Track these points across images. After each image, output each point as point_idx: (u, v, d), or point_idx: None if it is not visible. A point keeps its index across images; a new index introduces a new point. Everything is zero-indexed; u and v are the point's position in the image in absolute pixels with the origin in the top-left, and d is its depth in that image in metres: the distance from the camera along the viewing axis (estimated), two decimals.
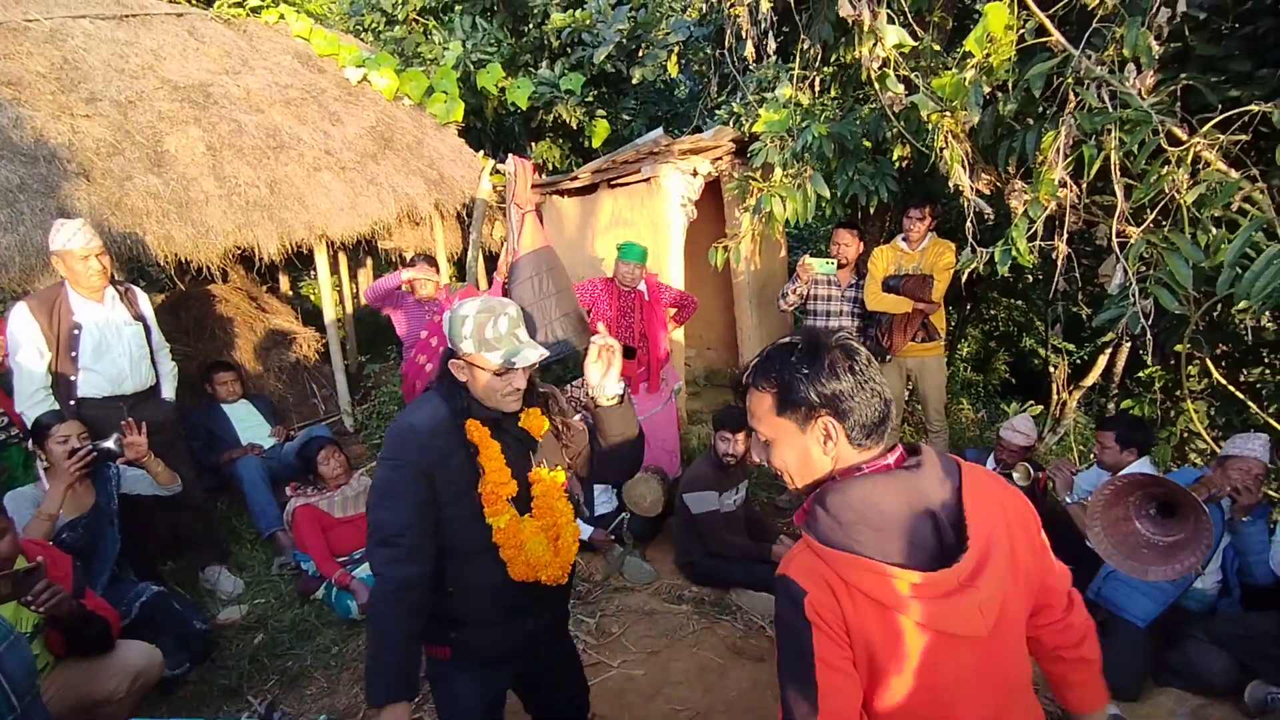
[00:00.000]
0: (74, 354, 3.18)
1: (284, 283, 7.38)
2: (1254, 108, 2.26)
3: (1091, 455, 3.45)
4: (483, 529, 1.70)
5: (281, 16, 5.89)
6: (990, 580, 1.10)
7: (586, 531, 3.76)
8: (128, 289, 3.42)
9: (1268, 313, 2.59)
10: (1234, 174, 2.27)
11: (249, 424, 4.51)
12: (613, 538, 3.84)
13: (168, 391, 3.59)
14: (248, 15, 5.84)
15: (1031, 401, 5.70)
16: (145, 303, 3.50)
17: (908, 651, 1.09)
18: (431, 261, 4.19)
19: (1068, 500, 3.20)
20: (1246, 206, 2.24)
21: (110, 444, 2.96)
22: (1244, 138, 2.27)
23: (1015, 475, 3.49)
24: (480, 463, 1.70)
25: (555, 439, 1.90)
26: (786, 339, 1.21)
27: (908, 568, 1.08)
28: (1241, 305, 2.39)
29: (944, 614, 1.07)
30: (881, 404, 1.16)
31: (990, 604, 1.10)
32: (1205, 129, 2.29)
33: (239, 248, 4.41)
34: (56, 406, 3.16)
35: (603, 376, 1.78)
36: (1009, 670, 1.18)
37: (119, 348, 3.29)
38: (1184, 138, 2.31)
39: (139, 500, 3.22)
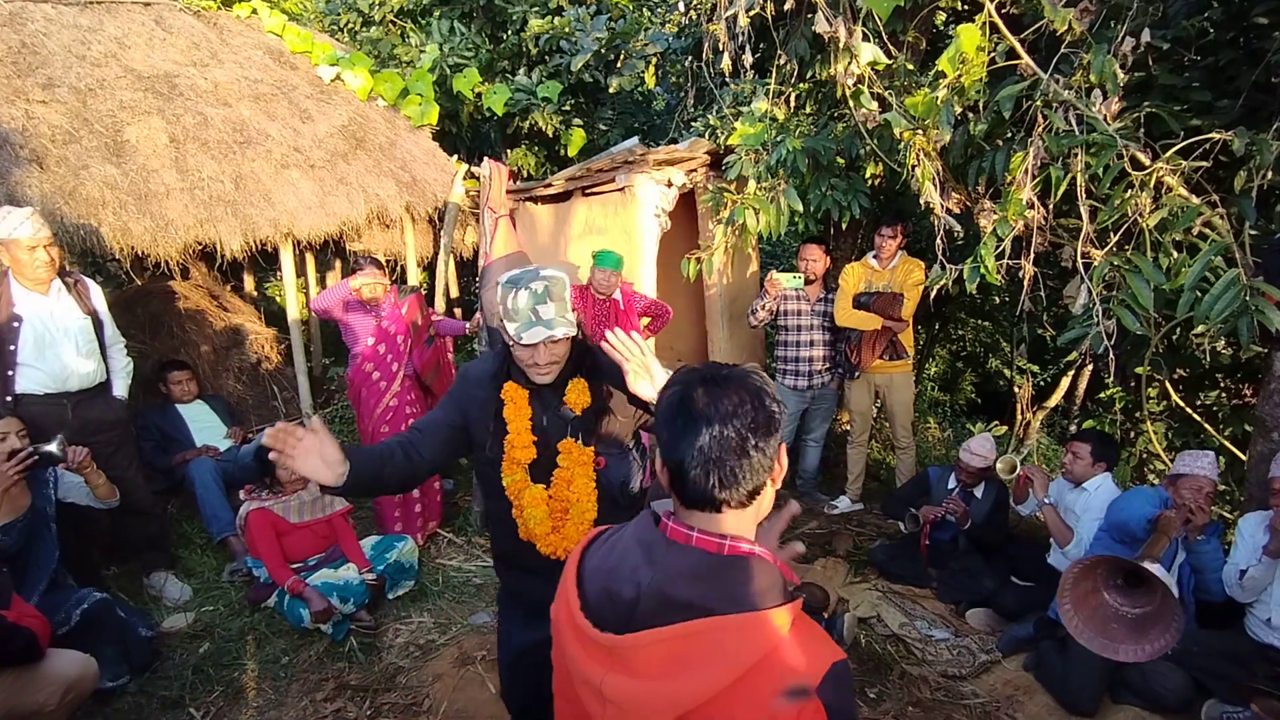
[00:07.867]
0: (12, 348, 3.04)
1: (248, 282, 7.20)
2: (1214, 136, 2.32)
3: (1056, 473, 3.49)
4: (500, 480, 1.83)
5: (254, 11, 5.77)
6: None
7: None
8: (78, 281, 3.28)
9: (1223, 338, 2.65)
10: (1195, 199, 2.32)
11: (204, 425, 4.36)
12: None
13: (120, 389, 3.44)
14: (218, 8, 5.71)
15: (996, 422, 5.79)
16: (98, 296, 3.36)
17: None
18: (378, 264, 3.96)
19: (1046, 501, 3.26)
20: (1206, 231, 2.30)
21: (53, 447, 2.81)
22: (1205, 164, 2.33)
23: (999, 466, 3.58)
24: (505, 420, 1.79)
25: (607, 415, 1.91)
26: None
27: None
28: (1200, 329, 2.44)
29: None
30: None
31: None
32: (1168, 155, 2.35)
33: (200, 243, 4.28)
34: None
35: (651, 383, 1.56)
36: None
37: (64, 343, 3.14)
38: (1147, 163, 2.36)
39: (79, 504, 3.08)
